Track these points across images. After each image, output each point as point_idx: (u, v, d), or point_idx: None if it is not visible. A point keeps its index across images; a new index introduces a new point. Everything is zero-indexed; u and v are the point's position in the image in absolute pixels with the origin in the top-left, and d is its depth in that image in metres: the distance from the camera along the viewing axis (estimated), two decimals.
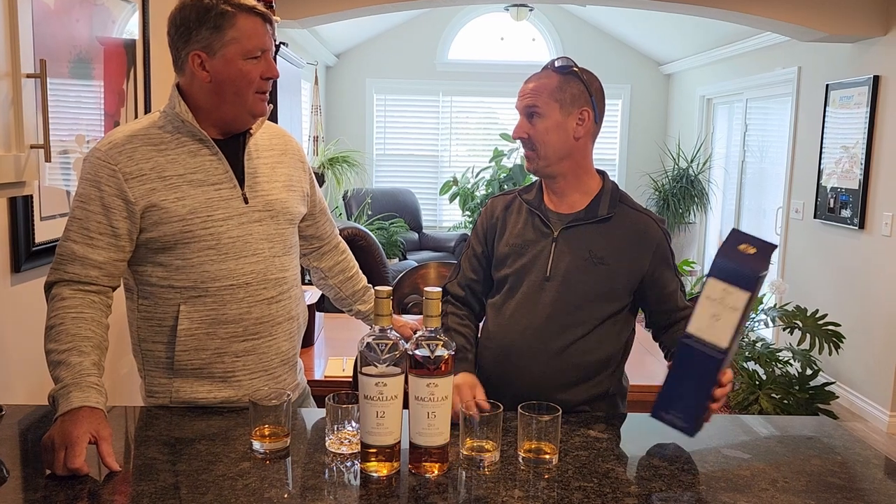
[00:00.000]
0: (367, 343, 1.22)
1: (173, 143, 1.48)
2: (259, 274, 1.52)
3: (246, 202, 1.51)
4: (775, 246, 1.27)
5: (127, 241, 1.45)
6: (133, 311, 1.54)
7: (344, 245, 1.87)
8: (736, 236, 1.27)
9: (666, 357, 1.69)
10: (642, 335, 2.82)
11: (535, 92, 1.59)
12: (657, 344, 1.75)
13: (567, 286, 1.60)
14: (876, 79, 4.17)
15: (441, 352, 1.22)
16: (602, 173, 1.69)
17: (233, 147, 1.53)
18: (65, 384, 1.29)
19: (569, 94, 1.59)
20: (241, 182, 1.52)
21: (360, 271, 1.89)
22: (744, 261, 1.23)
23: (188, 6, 1.42)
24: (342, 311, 1.92)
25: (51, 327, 1.38)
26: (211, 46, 1.42)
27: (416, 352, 1.22)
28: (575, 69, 1.61)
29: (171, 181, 1.45)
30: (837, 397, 4.23)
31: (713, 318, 1.23)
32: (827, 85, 4.65)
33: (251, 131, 1.56)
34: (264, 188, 1.55)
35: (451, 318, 1.71)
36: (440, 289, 1.26)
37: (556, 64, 1.61)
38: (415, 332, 1.74)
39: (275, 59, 1.52)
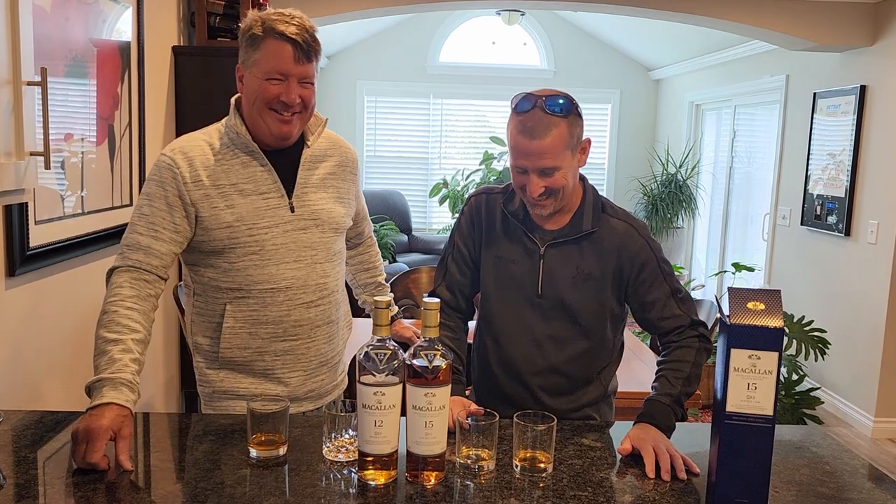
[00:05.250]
0: (366, 353, 1.23)
1: (228, 154, 1.59)
2: (299, 279, 1.60)
3: (292, 211, 1.60)
4: (778, 290, 1.20)
5: (184, 237, 1.56)
6: (189, 306, 1.67)
7: (373, 240, 2.00)
8: (736, 295, 1.20)
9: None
10: (632, 341, 2.85)
11: (552, 151, 1.47)
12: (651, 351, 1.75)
13: (562, 305, 1.60)
14: (863, 88, 4.22)
15: (439, 362, 1.23)
16: (581, 178, 1.64)
17: (290, 156, 1.62)
18: (101, 377, 1.36)
19: (576, 136, 1.51)
20: (290, 192, 1.61)
21: (381, 269, 2.00)
22: (758, 320, 1.16)
23: (243, 26, 1.55)
24: None
25: (104, 313, 1.46)
26: (246, 62, 1.55)
27: (414, 362, 1.23)
28: (576, 107, 1.50)
29: (223, 189, 1.56)
30: (823, 402, 4.29)
31: (749, 388, 1.16)
32: (814, 93, 4.71)
33: (308, 143, 1.65)
34: (312, 198, 1.64)
35: (441, 330, 1.66)
36: (438, 300, 1.27)
37: (560, 102, 1.47)
38: (416, 334, 1.80)
39: (312, 83, 1.58)
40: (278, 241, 1.58)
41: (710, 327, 2.50)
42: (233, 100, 1.62)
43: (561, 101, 1.48)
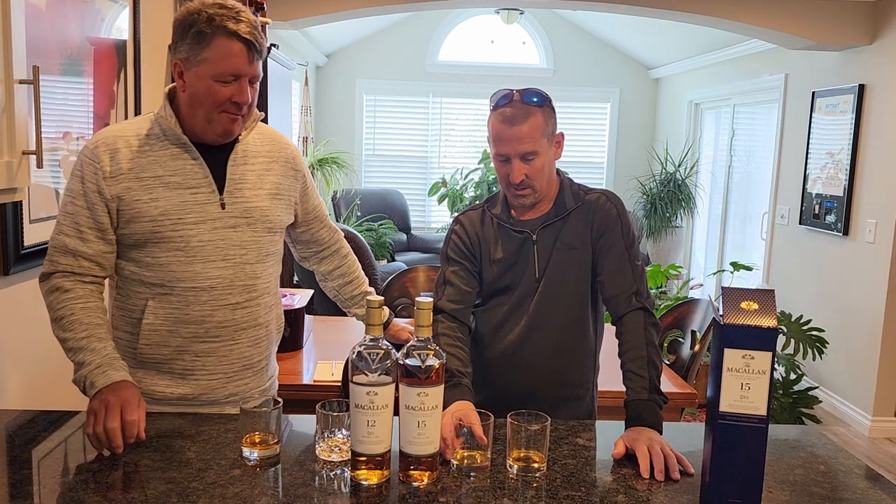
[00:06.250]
0: (359, 352, 1.22)
1: (157, 146, 1.51)
2: (226, 279, 1.54)
3: (223, 207, 1.53)
4: (772, 290, 1.20)
5: (112, 233, 1.50)
6: (111, 300, 1.60)
7: (347, 250, 1.90)
8: (730, 295, 1.20)
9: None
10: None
11: (531, 136, 1.59)
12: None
13: (551, 281, 1.67)
14: (861, 87, 4.22)
15: (432, 361, 1.23)
16: (558, 172, 1.74)
17: (222, 152, 1.55)
18: (96, 365, 1.39)
19: (551, 126, 1.64)
20: (222, 187, 1.54)
21: (363, 276, 1.91)
22: (752, 319, 1.16)
23: (179, 18, 1.46)
24: (331, 315, 1.94)
25: (60, 318, 1.45)
26: (189, 60, 1.46)
27: (407, 361, 1.23)
28: (549, 101, 1.63)
29: (147, 182, 1.49)
30: (821, 402, 4.28)
31: (743, 388, 1.16)
32: (813, 92, 4.70)
33: (239, 137, 1.57)
34: (246, 195, 1.57)
35: (443, 339, 1.64)
36: (431, 299, 1.27)
37: (534, 99, 1.61)
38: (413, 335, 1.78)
39: (259, 83, 1.53)
40: (205, 238, 1.51)
41: (707, 327, 2.50)
42: (166, 89, 1.53)
43: (535, 94, 1.62)
